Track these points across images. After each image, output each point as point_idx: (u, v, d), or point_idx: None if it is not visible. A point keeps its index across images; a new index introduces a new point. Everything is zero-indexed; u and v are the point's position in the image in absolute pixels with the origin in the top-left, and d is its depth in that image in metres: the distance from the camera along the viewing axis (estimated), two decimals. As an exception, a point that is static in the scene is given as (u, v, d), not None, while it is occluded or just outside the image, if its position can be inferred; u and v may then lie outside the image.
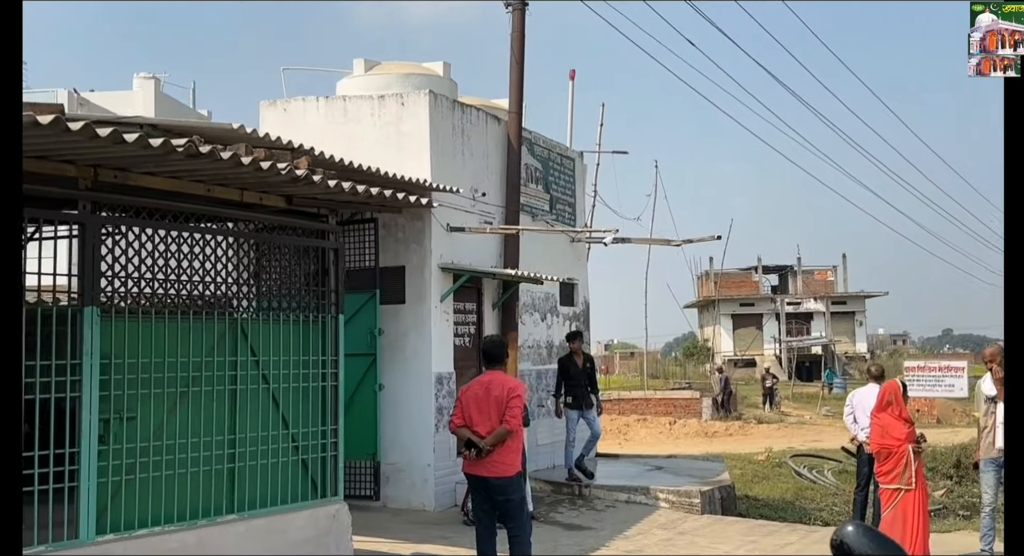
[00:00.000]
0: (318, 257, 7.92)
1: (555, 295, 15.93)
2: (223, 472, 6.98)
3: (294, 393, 7.56)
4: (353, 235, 12.69)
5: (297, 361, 7.61)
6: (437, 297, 12.75)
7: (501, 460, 8.18)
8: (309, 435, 7.63)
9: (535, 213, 15.41)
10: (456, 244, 13.19)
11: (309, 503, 7.49)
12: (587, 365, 13.91)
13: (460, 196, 13.19)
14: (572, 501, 13.37)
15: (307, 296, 7.78)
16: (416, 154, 12.92)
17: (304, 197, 7.52)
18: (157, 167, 6.32)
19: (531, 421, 12.52)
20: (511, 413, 8.11)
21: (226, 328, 7.14)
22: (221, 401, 7.05)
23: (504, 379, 8.35)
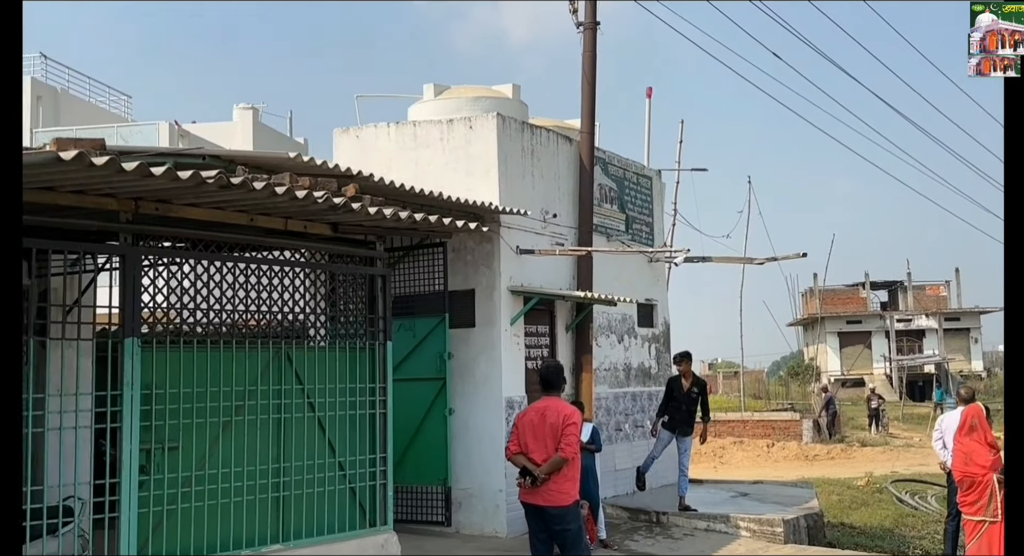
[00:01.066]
0: (366, 284, 7.93)
1: (632, 316, 15.72)
2: (268, 501, 7.03)
3: (340, 421, 7.59)
4: (422, 259, 12.75)
5: (344, 389, 7.62)
6: (507, 320, 12.69)
7: (557, 489, 8.05)
8: (357, 463, 7.62)
9: (610, 234, 15.26)
10: (526, 266, 13.13)
11: (356, 533, 7.50)
12: (693, 389, 13.33)
13: (530, 218, 13.15)
14: (649, 529, 13.12)
15: (355, 323, 7.79)
16: (484, 177, 12.94)
17: (350, 224, 7.56)
18: (197, 198, 6.43)
19: (602, 447, 12.37)
20: (567, 441, 7.99)
21: (271, 356, 7.19)
22: (266, 430, 7.11)
23: (560, 406, 8.24)
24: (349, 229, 7.72)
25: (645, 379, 15.90)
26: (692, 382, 13.29)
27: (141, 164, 5.49)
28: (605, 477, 14.37)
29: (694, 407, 13.23)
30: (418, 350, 12.58)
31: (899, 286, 66.13)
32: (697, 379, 13.45)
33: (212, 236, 6.93)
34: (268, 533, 7.02)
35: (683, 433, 13.26)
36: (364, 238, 7.94)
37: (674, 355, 13.85)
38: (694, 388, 13.28)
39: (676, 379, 13.44)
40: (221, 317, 7.03)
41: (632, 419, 15.35)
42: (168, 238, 6.77)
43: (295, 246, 7.51)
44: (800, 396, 48.27)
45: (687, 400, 13.21)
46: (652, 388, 16.01)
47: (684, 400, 13.22)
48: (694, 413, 13.25)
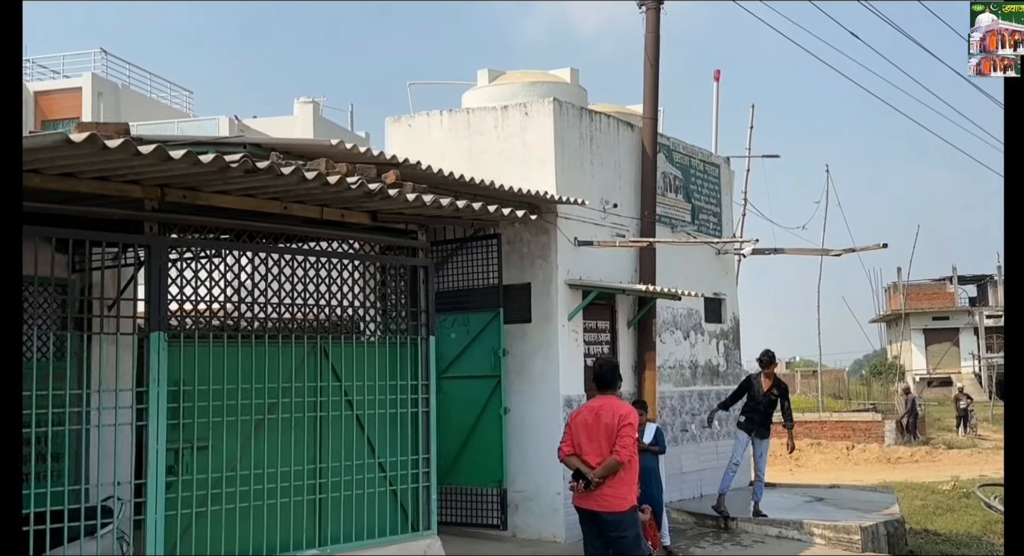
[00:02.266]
0: (408, 276, 7.71)
1: (699, 311, 15.30)
2: (305, 503, 6.84)
3: (381, 420, 7.37)
4: (476, 252, 12.51)
5: (384, 386, 7.41)
6: (565, 315, 12.40)
7: (613, 493, 7.74)
8: (398, 464, 7.40)
9: (674, 224, 14.86)
10: (585, 259, 12.81)
11: (398, 537, 7.28)
12: (773, 391, 12.85)
13: (588, 208, 12.83)
14: (716, 535, 12.72)
15: (396, 317, 7.57)
16: (540, 165, 12.65)
17: (390, 213, 7.34)
18: (225, 185, 6.25)
19: (666, 448, 12.01)
20: (622, 443, 7.68)
21: (307, 352, 7.00)
22: (303, 429, 6.93)
23: (616, 405, 7.92)
24: (389, 218, 7.49)
25: (712, 377, 15.47)
26: (773, 383, 12.84)
27: (159, 147, 5.31)
28: (670, 480, 14.00)
29: (772, 409, 12.81)
30: (472, 346, 12.34)
31: (989, 281, 64.14)
32: (778, 381, 12.98)
33: (244, 225, 6.76)
34: (304, 536, 6.83)
35: (760, 435, 12.85)
36: (405, 227, 7.71)
37: (759, 355, 13.17)
38: (774, 390, 12.81)
39: (756, 377, 13.03)
40: (254, 311, 6.85)
41: (699, 419, 14.93)
42: (197, 227, 6.59)
43: (333, 236, 7.31)
44: (882, 396, 47.09)
45: (766, 401, 12.77)
46: (720, 386, 15.57)
47: (763, 401, 12.77)
48: (771, 416, 12.86)
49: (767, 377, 12.83)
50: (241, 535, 6.47)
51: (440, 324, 12.56)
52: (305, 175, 6.08)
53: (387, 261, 7.55)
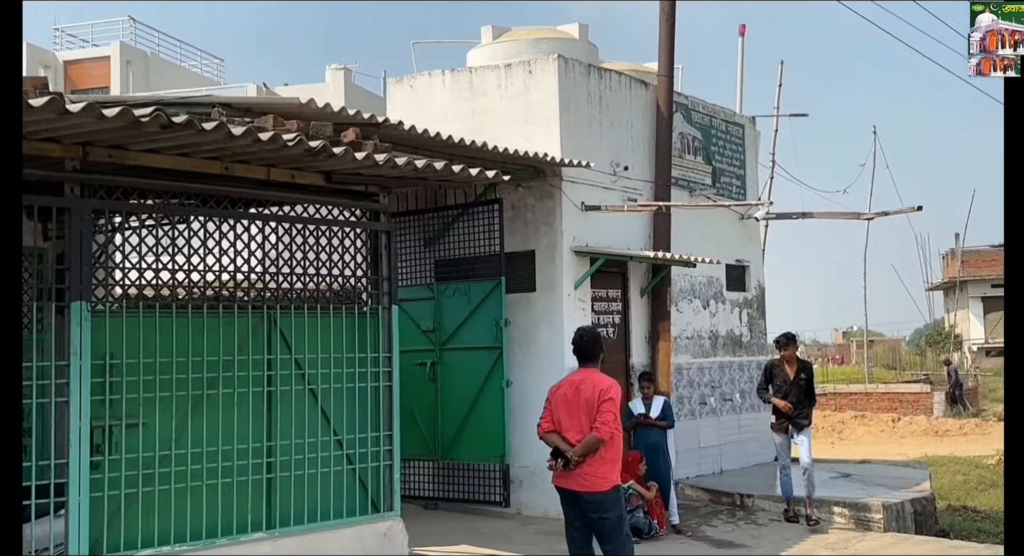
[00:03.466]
0: (370, 241, 7.26)
1: (720, 279, 14.70)
2: (250, 484, 6.46)
3: (339, 394, 6.95)
4: (477, 218, 12.06)
5: (343, 359, 6.99)
6: (570, 284, 11.90)
7: (593, 472, 7.28)
8: (356, 441, 6.99)
9: (693, 188, 14.26)
10: (593, 225, 12.29)
11: (356, 519, 6.87)
12: (801, 376, 11.51)
13: (597, 171, 12.33)
14: (731, 513, 12.21)
15: (355, 285, 7.13)
16: (545, 126, 12.14)
17: (345, 174, 6.88)
18: (152, 143, 5.83)
19: (675, 422, 11.51)
20: (602, 419, 7.20)
21: (255, 323, 6.59)
22: (250, 404, 6.53)
23: (597, 378, 7.44)
24: (347, 179, 7.03)
25: (735, 348, 14.89)
26: (798, 368, 11.55)
27: (53, 99, 4.90)
28: (688, 455, 13.53)
29: (803, 396, 11.50)
30: (473, 317, 11.91)
31: (1051, 246, 62.17)
32: (802, 363, 11.75)
33: (182, 187, 6.34)
34: (252, 520, 6.45)
35: (797, 428, 11.51)
36: (365, 190, 7.24)
37: (776, 337, 11.94)
38: (801, 375, 11.52)
39: (777, 365, 11.66)
40: (192, 279, 6.44)
41: (720, 392, 14.39)
42: (134, 191, 6.18)
43: (285, 199, 6.87)
44: (936, 366, 45.98)
45: (796, 390, 11.44)
46: (743, 358, 15.00)
47: (792, 390, 11.44)
48: (805, 403, 11.51)
49: (789, 362, 11.55)
50: (178, 519, 6.10)
51: (440, 293, 12.16)
52: (232, 131, 5.64)
53: (344, 225, 7.07)
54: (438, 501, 12.19)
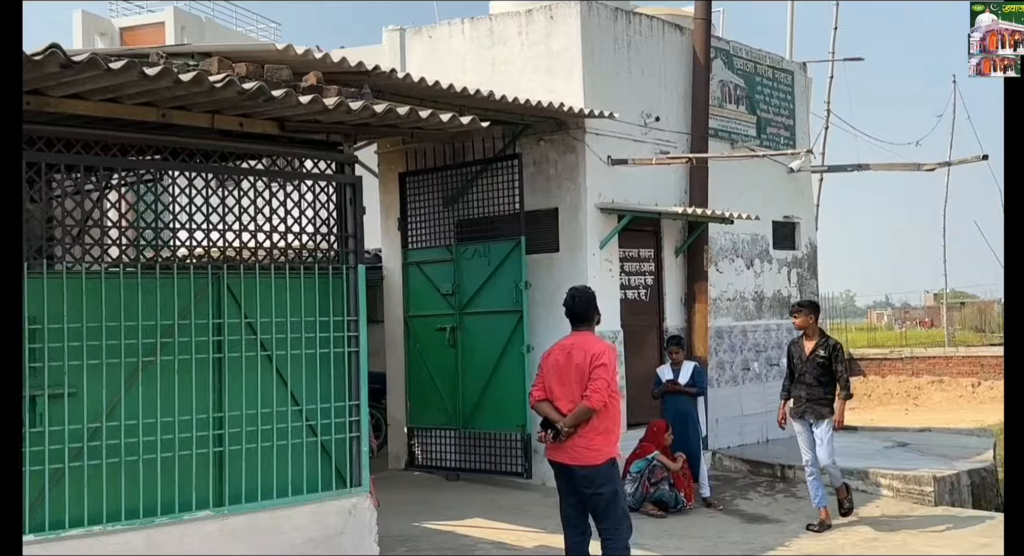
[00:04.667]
0: (336, 195, 6.69)
1: (766, 237, 13.86)
2: (200, 459, 5.98)
3: (298, 361, 6.43)
4: (497, 175, 11.47)
5: (305, 323, 6.46)
6: (596, 243, 11.25)
7: (585, 445, 6.70)
8: (319, 412, 6.46)
9: (735, 139, 13.42)
10: (622, 180, 11.58)
11: (315, 496, 6.36)
12: (819, 353, 9.51)
13: (624, 122, 11.64)
14: (770, 485, 11.49)
15: (317, 244, 6.57)
16: (567, 75, 11.46)
17: (302, 121, 6.31)
18: (70, 88, 5.31)
19: (706, 389, 10.81)
20: (594, 386, 6.61)
21: (202, 285, 6.08)
22: (194, 373, 6.03)
23: (589, 342, 6.83)
24: (303, 127, 6.46)
25: (782, 310, 14.06)
26: (818, 342, 9.56)
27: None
28: (730, 423, 12.84)
29: (826, 378, 9.45)
30: (493, 279, 11.34)
31: None
32: (825, 338, 9.68)
33: (112, 137, 5.83)
34: (201, 497, 5.98)
35: (817, 416, 9.47)
36: (327, 139, 6.65)
37: (791, 306, 10.49)
38: (819, 351, 9.50)
39: (796, 342, 9.86)
40: (128, 237, 5.95)
41: (765, 356, 13.61)
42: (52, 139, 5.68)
43: (234, 149, 6.32)
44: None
45: (812, 368, 9.48)
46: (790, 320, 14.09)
47: (808, 369, 9.51)
48: (827, 387, 9.46)
49: (808, 335, 9.63)
50: (112, 497, 5.65)
51: (460, 255, 11.60)
52: (146, 72, 5.09)
53: (301, 177, 6.51)
54: (459, 472, 11.71)
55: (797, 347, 9.74)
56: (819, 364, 9.46)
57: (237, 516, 6.02)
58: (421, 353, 11.98)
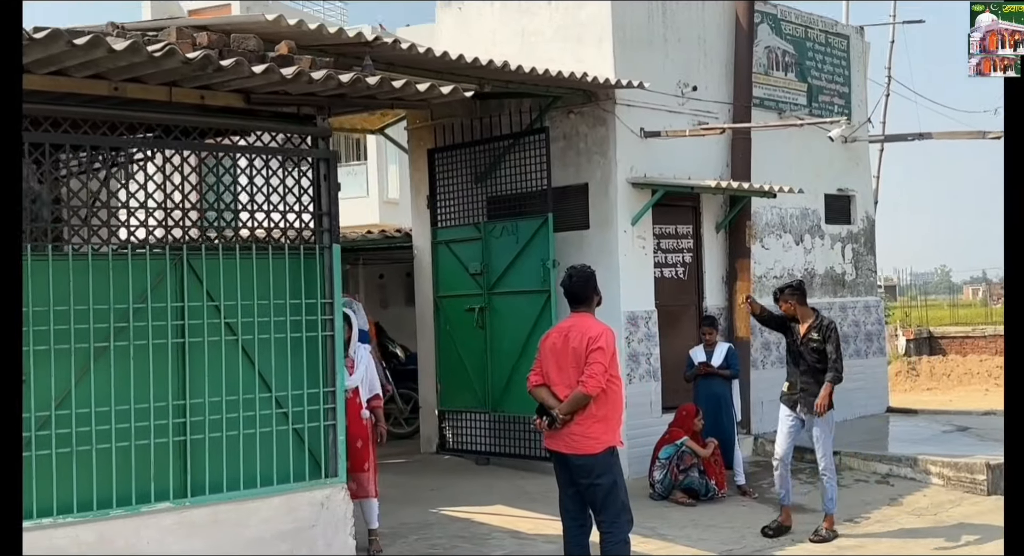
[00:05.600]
0: (311, 171, 6.33)
1: (818, 211, 13.16)
2: (159, 448, 5.69)
3: (269, 346, 6.13)
4: (526, 150, 11.02)
5: (279, 305, 6.16)
6: (627, 220, 10.75)
7: (583, 432, 6.32)
8: (289, 399, 6.14)
9: (783, 108, 12.74)
10: (657, 153, 11.04)
11: (285, 487, 6.04)
12: (813, 336, 8.43)
13: (659, 93, 11.15)
14: (813, 472, 10.74)
15: (291, 223, 6.23)
16: (596, 44, 10.96)
17: (269, 93, 5.96)
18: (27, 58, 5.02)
19: (739, 371, 10.24)
20: (590, 371, 6.23)
21: (164, 267, 5.78)
22: (160, 359, 5.74)
23: (586, 325, 6.44)
24: (272, 100, 6.09)
25: (836, 288, 13.36)
26: (812, 324, 8.48)
27: None
28: (776, 406, 12.11)
29: (823, 365, 8.38)
30: (521, 258, 10.94)
31: None
32: (820, 319, 8.52)
33: (64, 111, 5.54)
34: (163, 488, 5.70)
35: (811, 409, 8.43)
36: (298, 112, 6.28)
37: (773, 292, 9.05)
38: (813, 334, 8.43)
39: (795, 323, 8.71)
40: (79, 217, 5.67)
41: (815, 336, 12.85)
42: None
43: (195, 123, 5.98)
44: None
45: (808, 354, 8.44)
46: (847, 298, 13.46)
47: (804, 354, 8.48)
48: (820, 374, 8.39)
49: (802, 319, 8.52)
50: (63, 488, 5.38)
51: (488, 233, 11.19)
52: (75, 42, 4.77)
53: (271, 152, 6.15)
54: (490, 456, 11.35)
55: (795, 329, 8.62)
56: (813, 349, 8.42)
57: (198, 508, 5.75)
58: (451, 334, 11.64)
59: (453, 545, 8.29)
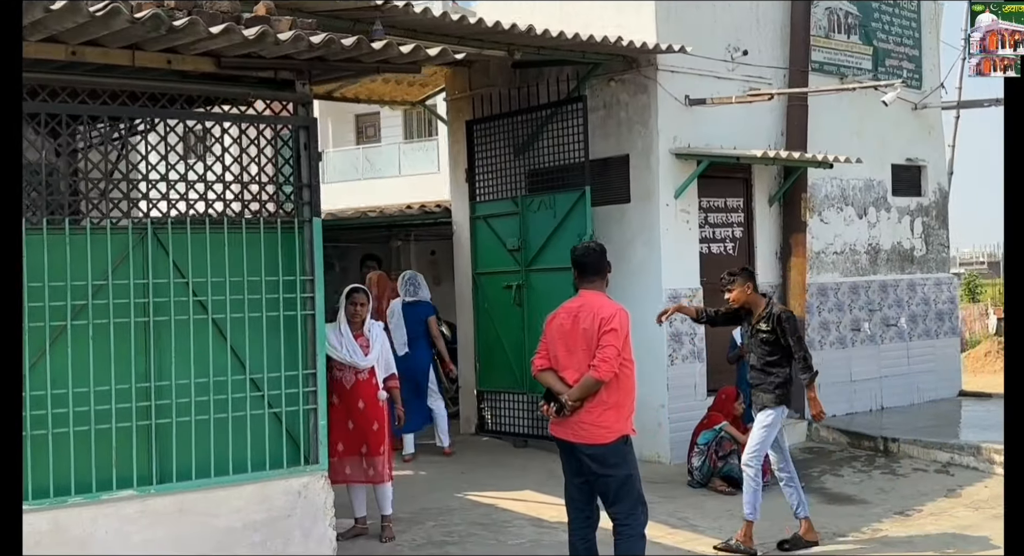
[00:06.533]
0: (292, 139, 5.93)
1: (884, 182, 12.34)
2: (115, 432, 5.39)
3: (246, 324, 5.75)
4: (565, 121, 10.46)
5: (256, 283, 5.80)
6: (669, 192, 10.17)
7: (593, 421, 5.85)
8: (265, 382, 5.77)
9: (844, 73, 11.95)
10: (703, 122, 10.43)
11: (260, 475, 5.68)
12: (761, 328, 7.47)
13: (705, 57, 10.44)
14: (869, 460, 10.21)
15: (271, 195, 5.84)
16: (637, 7, 10.31)
17: (241, 57, 5.57)
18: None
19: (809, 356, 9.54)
20: (603, 355, 5.74)
21: (133, 242, 5.45)
22: (122, 339, 5.42)
23: (598, 304, 5.96)
24: (245, 63, 5.69)
25: (903, 263, 12.53)
26: (763, 315, 7.46)
27: None
28: (836, 390, 11.58)
29: (774, 357, 7.41)
30: (558, 233, 10.45)
31: None
32: (771, 309, 7.49)
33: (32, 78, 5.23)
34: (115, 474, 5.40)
35: (759, 405, 7.58)
36: (275, 76, 5.86)
37: (721, 277, 7.88)
38: (761, 324, 7.46)
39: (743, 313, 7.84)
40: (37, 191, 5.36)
41: (880, 316, 12.16)
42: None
43: (167, 89, 5.62)
44: None
45: (756, 346, 7.53)
46: (916, 275, 12.63)
47: (752, 347, 7.59)
48: (772, 369, 7.43)
49: (753, 308, 7.54)
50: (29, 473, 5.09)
51: (526, 207, 10.71)
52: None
53: (243, 119, 5.76)
54: (528, 438, 10.88)
55: (748, 320, 7.67)
56: (763, 340, 7.44)
57: (163, 497, 5.44)
58: (489, 312, 11.22)
59: (470, 532, 7.90)
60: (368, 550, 7.46)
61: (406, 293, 10.48)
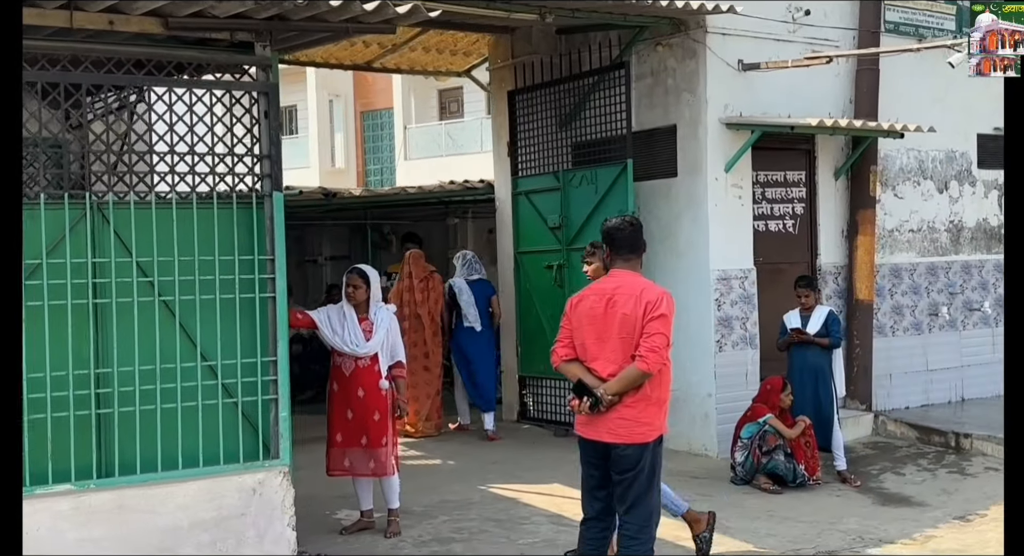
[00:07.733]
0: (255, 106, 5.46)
1: (968, 154, 11.32)
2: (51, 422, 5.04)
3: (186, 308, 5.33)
4: (609, 90, 9.82)
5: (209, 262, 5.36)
6: (719, 165, 9.44)
7: (635, 417, 5.13)
8: (220, 369, 5.36)
9: (923, 34, 10.94)
10: (759, 89, 9.69)
11: (213, 470, 5.26)
12: None
13: (762, 19, 9.65)
14: (937, 458, 9.38)
15: (229, 167, 5.39)
16: (687, -35, 9.47)
17: (190, 17, 5.09)
18: None
19: (841, 341, 8.80)
20: (650, 344, 5.04)
21: (75, 219, 5.09)
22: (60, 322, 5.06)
23: (638, 285, 5.24)
24: (197, 24, 5.22)
25: (989, 243, 11.51)
26: None
27: None
28: (909, 380, 10.75)
29: None
30: (600, 209, 9.84)
31: None
32: None
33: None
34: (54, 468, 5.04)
35: None
36: (231, 39, 5.39)
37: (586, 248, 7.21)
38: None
39: None
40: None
41: (960, 300, 11.19)
42: None
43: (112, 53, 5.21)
44: None
45: None
46: (1000, 256, 11.50)
47: None
48: None
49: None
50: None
51: (567, 183, 10.11)
52: None
53: (194, 85, 5.31)
54: (568, 427, 10.27)
55: None
56: None
57: (100, 492, 5.07)
58: (530, 293, 10.69)
59: (481, 529, 7.41)
60: (369, 546, 7.04)
61: (469, 271, 10.46)
